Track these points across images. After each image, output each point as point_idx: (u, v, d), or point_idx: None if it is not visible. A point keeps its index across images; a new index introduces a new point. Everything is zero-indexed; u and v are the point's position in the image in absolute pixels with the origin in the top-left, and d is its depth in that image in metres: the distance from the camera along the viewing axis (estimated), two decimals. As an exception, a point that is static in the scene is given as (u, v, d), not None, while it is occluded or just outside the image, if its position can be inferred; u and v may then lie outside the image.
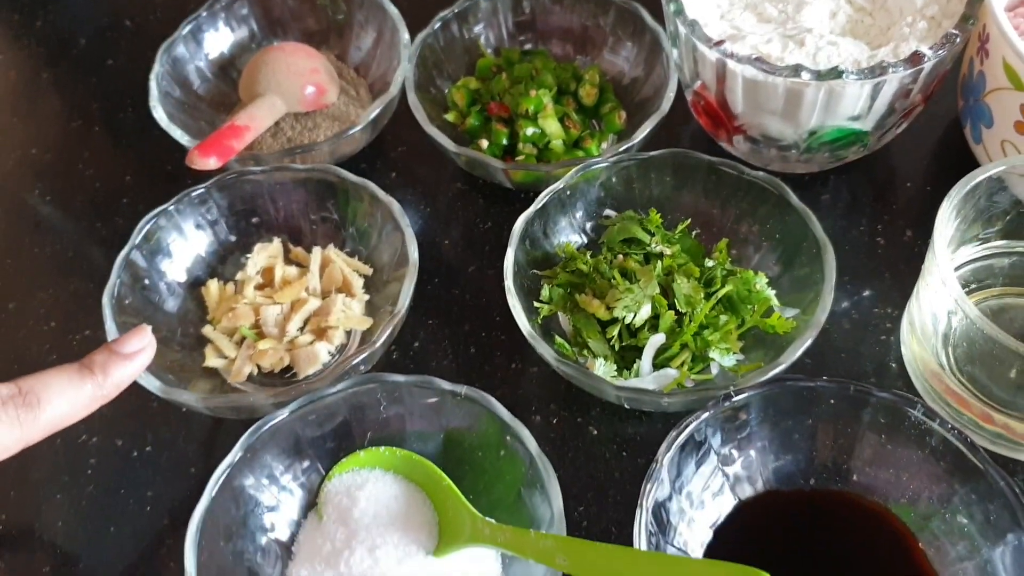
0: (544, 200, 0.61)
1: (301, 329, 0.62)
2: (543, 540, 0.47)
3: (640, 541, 0.47)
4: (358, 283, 0.63)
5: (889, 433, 0.51)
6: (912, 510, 0.51)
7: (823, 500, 0.53)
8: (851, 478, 0.52)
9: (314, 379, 0.58)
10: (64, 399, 0.44)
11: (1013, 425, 0.53)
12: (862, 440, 0.52)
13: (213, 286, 0.63)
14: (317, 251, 0.64)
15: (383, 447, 0.54)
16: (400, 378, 0.54)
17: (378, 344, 0.56)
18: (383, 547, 0.50)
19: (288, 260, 0.65)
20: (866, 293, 0.63)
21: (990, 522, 0.47)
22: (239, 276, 0.64)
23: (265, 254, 0.64)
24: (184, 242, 0.63)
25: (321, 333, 0.61)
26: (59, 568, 0.57)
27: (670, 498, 0.49)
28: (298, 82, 0.72)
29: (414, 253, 0.59)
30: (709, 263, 0.61)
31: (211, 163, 0.64)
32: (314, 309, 0.62)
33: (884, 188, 0.69)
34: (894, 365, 0.60)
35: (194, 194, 0.63)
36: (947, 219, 0.52)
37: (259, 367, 0.61)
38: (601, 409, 0.60)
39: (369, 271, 0.64)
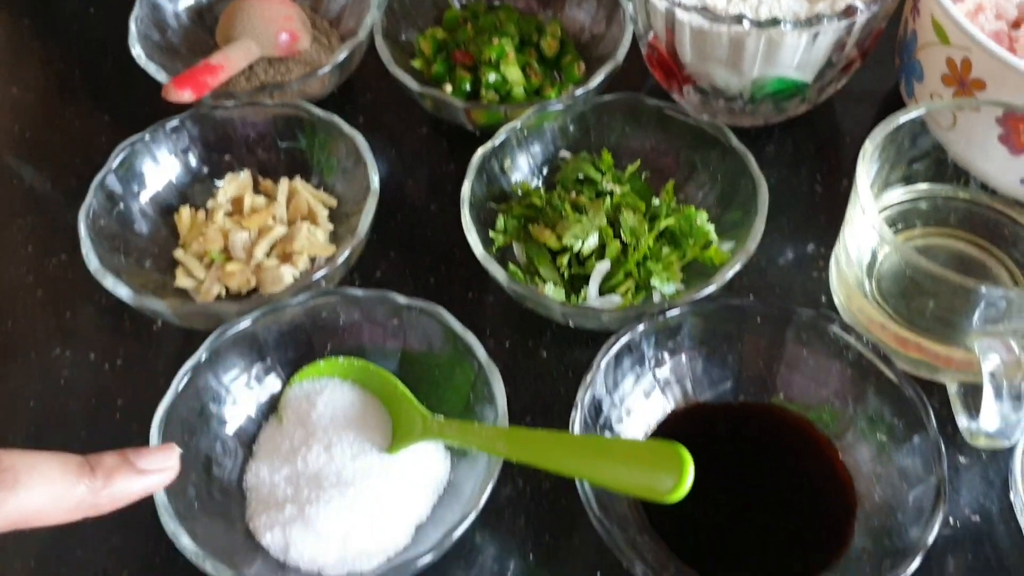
0: (502, 137, 0.65)
1: (268, 254, 0.65)
2: (486, 430, 0.50)
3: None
4: (323, 213, 0.67)
5: (811, 348, 0.55)
6: (831, 421, 0.55)
7: (750, 412, 0.57)
8: (776, 391, 0.56)
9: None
10: (46, 491, 0.36)
11: (928, 346, 0.57)
12: (786, 356, 0.56)
13: (185, 213, 0.67)
14: (284, 182, 0.67)
15: (341, 357, 0.58)
16: (359, 292, 0.57)
17: (338, 262, 0.59)
18: (338, 445, 0.54)
19: (257, 191, 0.69)
20: (801, 235, 0.67)
21: (899, 426, 0.52)
22: (210, 204, 0.67)
23: (235, 184, 0.68)
24: (157, 169, 0.66)
25: (286, 258, 0.64)
26: (31, 469, 0.60)
27: (605, 402, 0.53)
28: (272, 28, 0.75)
29: (375, 182, 0.63)
30: (656, 202, 0.64)
31: (186, 96, 0.67)
32: (280, 235, 0.65)
33: (826, 142, 0.73)
34: (824, 298, 0.64)
35: (168, 125, 0.66)
36: (870, 156, 0.56)
37: (227, 288, 0.64)
38: (551, 335, 0.64)
39: (334, 202, 0.67)
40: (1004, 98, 0.59)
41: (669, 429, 0.56)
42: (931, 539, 0.46)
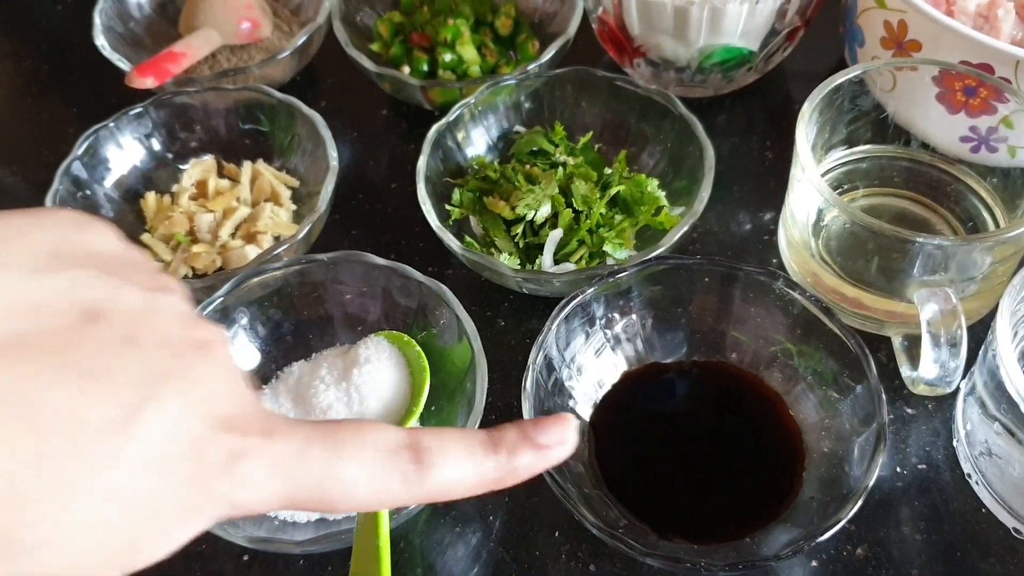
0: (457, 112, 0.66)
1: (232, 235, 0.67)
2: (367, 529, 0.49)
3: (529, 400, 0.52)
4: (285, 194, 0.68)
5: (757, 305, 0.56)
6: (780, 375, 0.57)
7: (702, 370, 0.58)
8: (727, 349, 0.58)
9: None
10: (458, 469, 0.36)
11: (873, 301, 0.58)
12: (735, 313, 0.57)
13: (151, 198, 0.68)
14: (247, 165, 0.69)
15: (413, 340, 0.59)
16: (378, 260, 0.58)
17: (299, 237, 0.61)
18: (346, 405, 0.55)
19: (221, 175, 0.70)
20: (753, 201, 0.69)
21: (842, 377, 0.53)
22: (175, 188, 0.69)
23: (199, 168, 0.69)
24: (122, 155, 0.68)
25: (251, 238, 0.66)
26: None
27: (556, 361, 0.55)
28: (233, 17, 0.77)
29: (334, 159, 0.64)
30: (608, 171, 0.66)
31: (148, 82, 0.68)
32: (244, 216, 0.67)
33: (776, 110, 0.75)
34: (775, 261, 0.65)
35: (132, 112, 0.68)
36: (808, 117, 0.58)
37: (193, 269, 0.65)
38: (509, 305, 0.66)
39: (296, 183, 0.69)
40: (939, 58, 0.60)
41: (623, 390, 0.57)
42: (871, 481, 0.48)
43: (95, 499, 0.26)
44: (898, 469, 0.56)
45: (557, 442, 0.38)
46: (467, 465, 0.36)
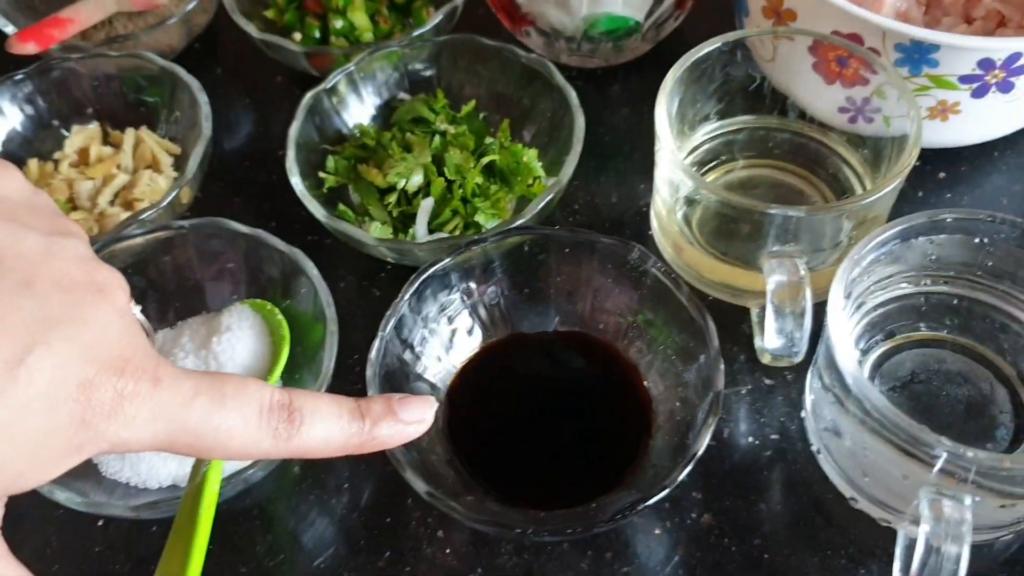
0: (335, 79, 0.66)
1: (112, 202, 0.66)
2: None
3: (373, 367, 0.52)
4: (167, 161, 0.68)
5: (614, 276, 0.56)
6: (636, 346, 0.57)
7: (561, 341, 0.58)
8: (587, 319, 0.58)
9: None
10: (324, 431, 0.39)
11: (733, 272, 0.58)
12: (593, 284, 0.57)
13: (33, 165, 0.68)
14: (130, 132, 0.69)
15: (274, 307, 0.58)
16: (241, 227, 0.58)
17: (163, 204, 0.60)
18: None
19: (108, 142, 0.70)
20: (638, 173, 0.68)
21: (689, 347, 0.53)
22: (57, 155, 0.68)
23: (82, 135, 0.69)
24: (2, 121, 0.67)
25: (129, 205, 0.66)
26: None
27: (412, 333, 0.55)
28: (129, -18, 0.76)
29: (207, 126, 0.64)
30: (489, 141, 0.66)
31: (29, 48, 0.68)
32: (123, 183, 0.67)
33: (671, 81, 0.74)
34: (651, 233, 0.65)
35: (14, 77, 0.68)
36: (670, 90, 0.58)
37: (70, 236, 0.65)
38: (386, 276, 0.65)
39: (177, 150, 0.69)
40: (815, 28, 0.60)
41: (482, 361, 0.57)
42: (700, 448, 0.48)
43: None
44: (751, 440, 0.56)
45: (416, 419, 0.42)
46: (334, 429, 0.39)
